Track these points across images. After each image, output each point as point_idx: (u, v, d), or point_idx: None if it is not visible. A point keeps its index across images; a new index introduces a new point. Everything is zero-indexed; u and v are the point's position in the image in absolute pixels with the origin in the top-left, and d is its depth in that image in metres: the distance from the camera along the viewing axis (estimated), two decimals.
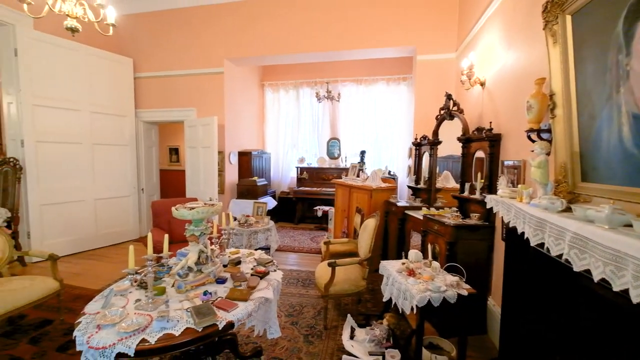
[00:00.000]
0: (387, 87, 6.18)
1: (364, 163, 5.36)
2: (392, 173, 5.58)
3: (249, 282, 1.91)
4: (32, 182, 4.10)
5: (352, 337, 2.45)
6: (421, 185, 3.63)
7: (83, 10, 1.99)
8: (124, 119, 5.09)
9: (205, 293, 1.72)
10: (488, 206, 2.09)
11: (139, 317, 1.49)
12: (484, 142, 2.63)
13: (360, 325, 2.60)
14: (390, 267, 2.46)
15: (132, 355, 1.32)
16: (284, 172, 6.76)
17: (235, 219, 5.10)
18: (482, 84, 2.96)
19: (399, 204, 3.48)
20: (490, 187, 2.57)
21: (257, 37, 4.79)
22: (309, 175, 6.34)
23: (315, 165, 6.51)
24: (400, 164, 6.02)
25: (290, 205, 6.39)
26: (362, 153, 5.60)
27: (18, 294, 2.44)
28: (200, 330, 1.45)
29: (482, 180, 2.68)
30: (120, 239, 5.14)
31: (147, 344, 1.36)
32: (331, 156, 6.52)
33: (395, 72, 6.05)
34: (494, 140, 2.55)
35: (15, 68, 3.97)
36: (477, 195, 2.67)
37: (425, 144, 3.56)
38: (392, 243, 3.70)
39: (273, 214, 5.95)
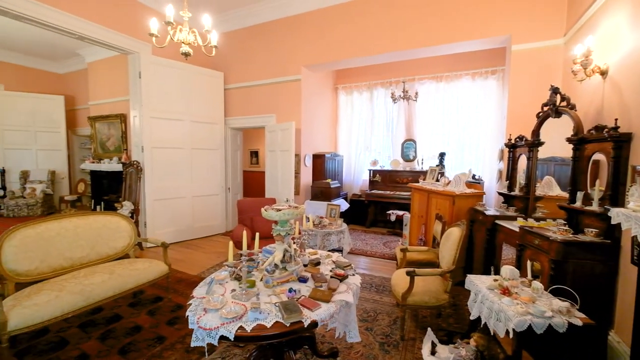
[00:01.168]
0: (472, 83, 5.64)
1: (444, 166, 4.99)
2: (477, 177, 5.06)
3: (330, 283, 1.95)
4: (148, 181, 4.95)
5: (433, 353, 2.29)
6: (516, 192, 3.20)
7: (194, 37, 2.36)
8: (215, 126, 5.77)
9: (290, 290, 1.81)
10: (614, 221, 1.72)
11: (235, 305, 1.65)
12: (605, 143, 2.18)
13: (442, 342, 2.41)
14: (479, 283, 2.23)
15: (232, 339, 1.47)
16: (356, 174, 6.76)
17: (309, 219, 5.30)
18: (603, 74, 2.46)
19: (487, 212, 3.13)
20: (615, 198, 2.12)
21: (333, 42, 4.90)
22: (381, 178, 6.21)
23: (388, 167, 6.33)
24: (486, 168, 5.43)
25: (362, 208, 6.34)
26: (441, 155, 5.22)
27: (141, 273, 2.96)
28: (288, 325, 1.54)
29: (602, 189, 2.23)
30: (210, 232, 5.83)
31: (243, 331, 1.50)
32: (406, 158, 6.26)
33: (482, 65, 5.48)
34: (620, 141, 2.09)
35: (139, 88, 4.85)
36: (594, 207, 2.23)
37: (522, 146, 3.13)
38: (478, 255, 3.35)
39: (344, 216, 5.99)
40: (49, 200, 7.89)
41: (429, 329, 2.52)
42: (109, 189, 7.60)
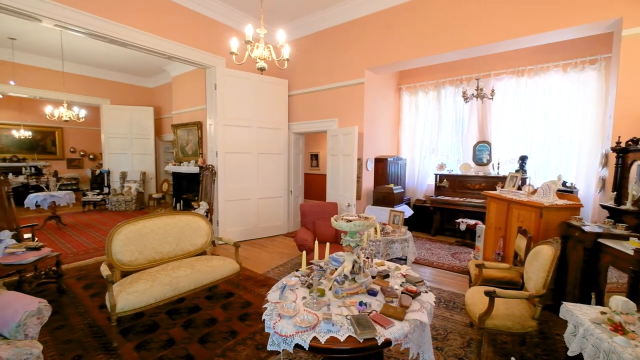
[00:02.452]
0: (564, 76, 4.87)
1: (525, 171, 4.41)
2: (569, 185, 4.36)
3: (401, 300, 1.86)
4: (221, 183, 5.39)
5: None
6: (627, 206, 2.67)
7: (269, 52, 2.49)
8: (279, 131, 6.03)
9: (360, 303, 1.77)
10: None
11: (308, 314, 1.68)
12: None
13: None
14: (579, 314, 1.91)
15: (307, 349, 1.49)
16: (420, 178, 6.42)
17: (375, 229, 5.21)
18: None
19: (586, 228, 2.67)
20: None
21: (398, 43, 4.72)
22: (449, 183, 5.78)
23: (457, 172, 5.87)
24: (580, 174, 4.65)
25: (426, 215, 6.00)
26: (522, 159, 4.63)
27: (217, 270, 3.22)
28: (361, 341, 1.50)
29: None
30: (273, 232, 6.11)
31: (317, 342, 1.51)
32: (478, 162, 5.72)
33: (578, 54, 4.69)
34: None
35: (215, 98, 5.32)
36: None
37: (636, 150, 2.60)
38: (571, 278, 2.89)
39: (407, 223, 5.75)
40: (141, 197, 9.17)
41: (512, 358, 2.25)
42: (187, 189, 8.52)
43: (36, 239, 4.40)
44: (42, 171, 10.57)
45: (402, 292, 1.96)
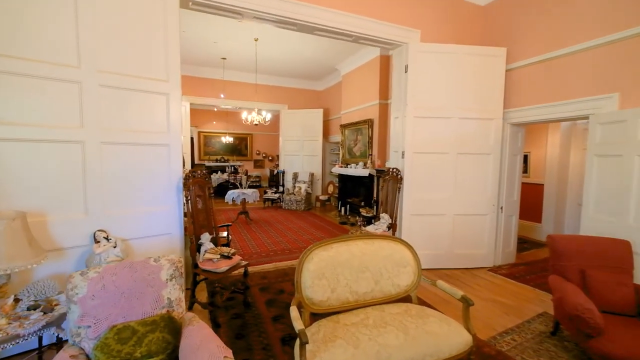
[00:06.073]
0: None
1: None
2: None
3: None
4: (407, 192, 4.18)
5: None
6: None
7: None
8: (489, 122, 4.25)
9: None
10: None
11: None
12: None
13: None
14: None
15: None
16: None
17: None
18: None
19: None
20: None
21: None
22: None
23: None
24: None
25: None
26: None
27: (441, 340, 1.96)
28: None
29: None
30: (471, 263, 4.39)
31: None
32: None
33: None
34: None
35: (404, 84, 4.16)
36: None
37: None
38: None
39: None
40: (309, 198, 9.35)
41: None
42: (352, 192, 7.93)
43: (230, 237, 4.50)
44: (237, 170, 12.79)
45: None
